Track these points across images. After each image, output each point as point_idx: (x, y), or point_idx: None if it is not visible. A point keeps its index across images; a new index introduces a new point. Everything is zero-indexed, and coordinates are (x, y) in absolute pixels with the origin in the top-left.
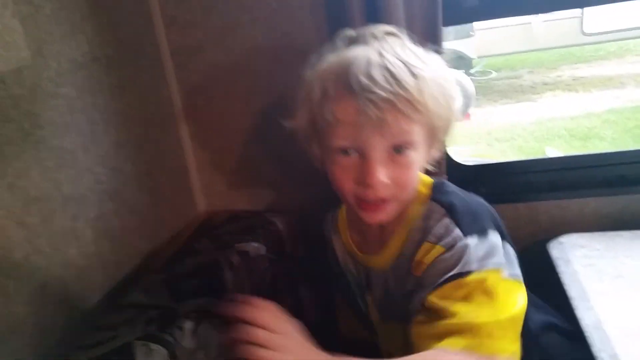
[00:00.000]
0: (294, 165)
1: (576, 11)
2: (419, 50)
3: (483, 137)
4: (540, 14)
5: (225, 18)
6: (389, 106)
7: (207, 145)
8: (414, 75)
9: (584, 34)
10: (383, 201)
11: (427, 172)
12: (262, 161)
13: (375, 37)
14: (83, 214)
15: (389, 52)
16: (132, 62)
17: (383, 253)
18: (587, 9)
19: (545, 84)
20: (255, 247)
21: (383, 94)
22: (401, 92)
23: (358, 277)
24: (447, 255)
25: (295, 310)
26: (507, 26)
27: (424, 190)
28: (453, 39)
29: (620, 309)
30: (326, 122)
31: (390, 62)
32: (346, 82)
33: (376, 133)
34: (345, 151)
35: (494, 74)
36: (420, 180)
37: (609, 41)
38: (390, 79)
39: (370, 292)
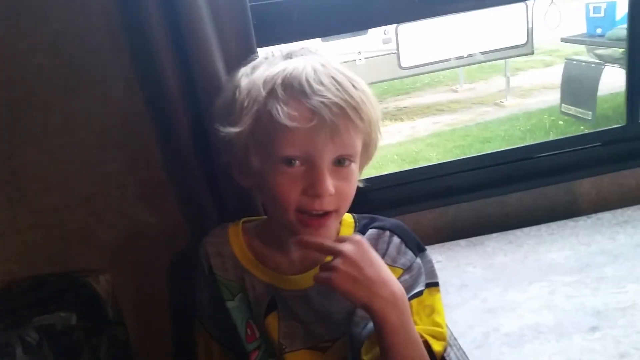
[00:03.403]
0: (107, 210)
1: (393, 47)
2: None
3: None
4: (361, 52)
5: None
6: (340, 112)
7: None
8: (354, 86)
9: (401, 68)
10: (326, 215)
11: None
12: (68, 211)
13: (310, 51)
14: None
15: (329, 64)
16: None
17: (309, 273)
18: (401, 45)
19: None
20: (62, 317)
21: (334, 98)
22: (349, 99)
23: (257, 299)
24: (407, 276)
25: None
26: None
27: (349, 219)
28: None
29: (470, 320)
30: (273, 127)
31: (334, 73)
32: (296, 86)
33: (328, 140)
34: (289, 161)
35: None
36: None
37: (422, 73)
38: (338, 87)
39: (276, 316)
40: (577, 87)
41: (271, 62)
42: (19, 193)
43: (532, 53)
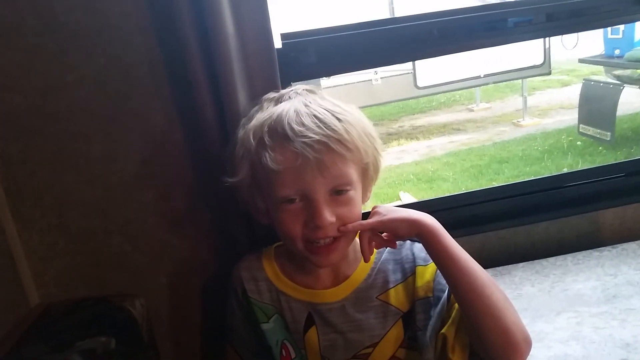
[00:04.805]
0: (143, 236)
1: (409, 67)
2: (337, 101)
3: None
4: (377, 72)
5: (46, 79)
6: (324, 148)
7: (36, 224)
8: (338, 119)
9: (417, 87)
10: (334, 240)
11: None
12: (105, 236)
13: (297, 93)
14: None
15: (313, 103)
16: None
17: (341, 286)
18: (417, 65)
19: (390, 134)
20: (102, 341)
21: (316, 137)
22: (331, 134)
23: (294, 318)
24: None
25: None
26: (350, 84)
27: None
28: None
29: None
30: (267, 173)
31: (316, 111)
32: (280, 131)
33: (317, 175)
34: (290, 199)
35: None
36: None
37: (438, 93)
38: (320, 124)
39: (315, 331)
40: (595, 107)
41: (264, 110)
42: (60, 219)
43: (549, 73)
